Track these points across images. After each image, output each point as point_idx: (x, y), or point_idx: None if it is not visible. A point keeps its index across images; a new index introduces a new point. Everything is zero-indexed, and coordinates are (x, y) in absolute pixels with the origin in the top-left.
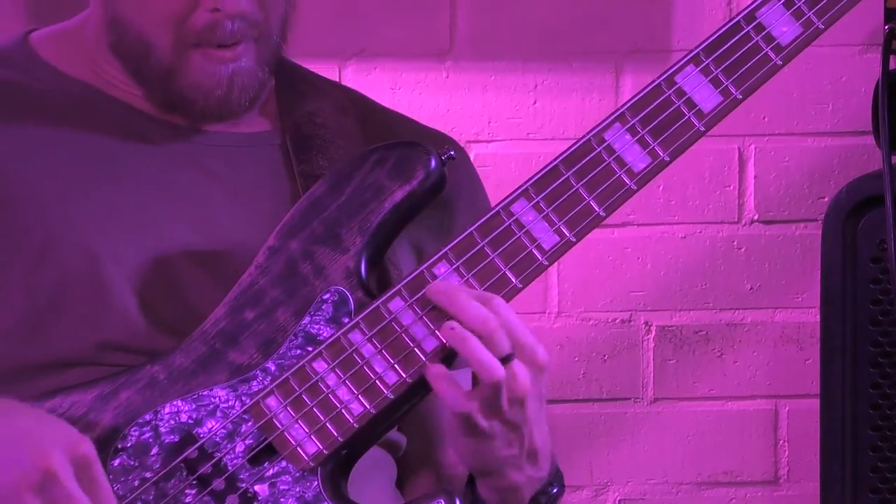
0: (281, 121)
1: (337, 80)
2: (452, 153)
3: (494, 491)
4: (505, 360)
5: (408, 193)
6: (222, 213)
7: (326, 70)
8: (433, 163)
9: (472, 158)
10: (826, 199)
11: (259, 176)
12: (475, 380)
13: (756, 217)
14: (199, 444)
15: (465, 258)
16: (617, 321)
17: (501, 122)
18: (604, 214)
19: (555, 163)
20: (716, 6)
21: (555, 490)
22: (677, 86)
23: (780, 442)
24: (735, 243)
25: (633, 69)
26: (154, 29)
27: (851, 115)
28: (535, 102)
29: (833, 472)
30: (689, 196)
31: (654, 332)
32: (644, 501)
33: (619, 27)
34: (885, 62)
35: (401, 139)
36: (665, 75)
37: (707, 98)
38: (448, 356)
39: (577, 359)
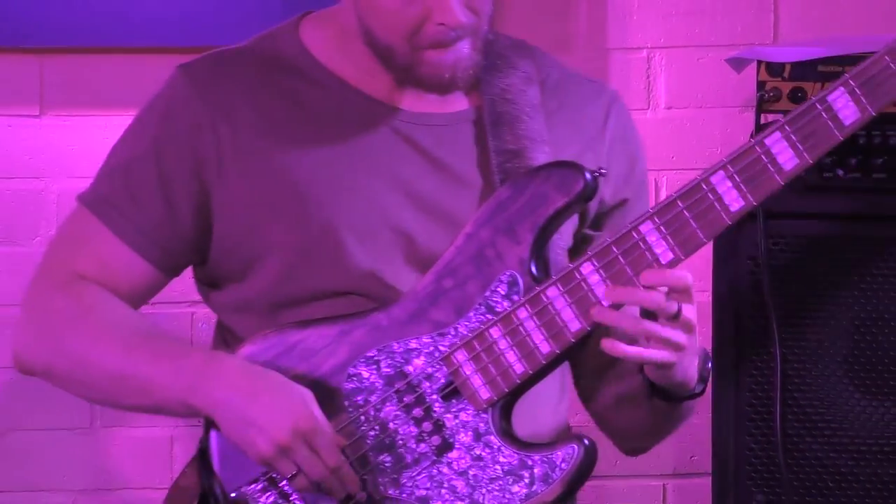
0: (480, 98)
1: None
2: (604, 171)
3: (674, 387)
4: (676, 315)
5: (566, 203)
6: (430, 185)
7: None
8: (588, 179)
9: None
10: None
11: (457, 149)
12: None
13: None
14: (408, 379)
15: (603, 263)
16: None
17: None
18: (705, 241)
19: (673, 198)
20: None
21: (709, 364)
22: (766, 147)
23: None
24: None
25: None
26: (395, 40)
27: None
28: None
29: (721, 403)
30: None
31: None
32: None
33: None
34: (758, 119)
35: (573, 93)
36: (758, 139)
37: (788, 160)
38: (587, 336)
39: None
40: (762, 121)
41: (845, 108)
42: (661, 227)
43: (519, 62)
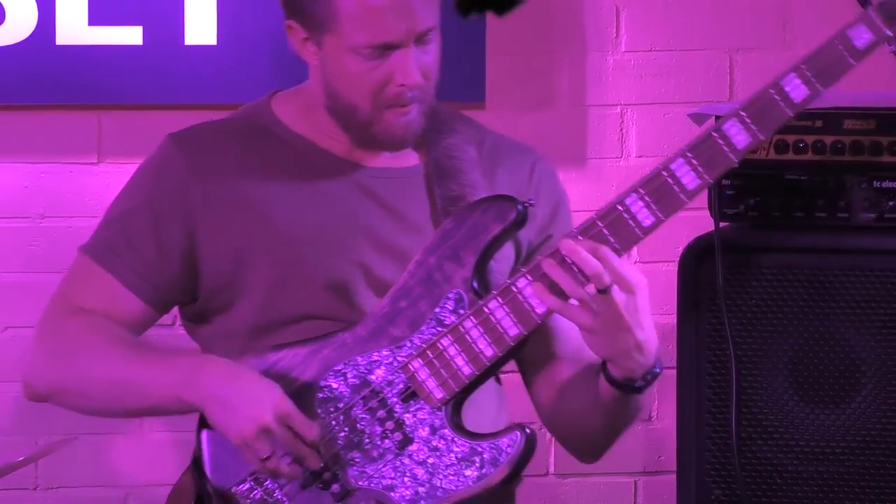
0: (427, 156)
1: None
2: (532, 202)
3: (619, 370)
4: (605, 290)
5: (502, 230)
6: (386, 228)
7: None
8: (519, 207)
9: None
10: (680, 249)
11: (410, 198)
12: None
13: (638, 259)
14: (371, 387)
15: (536, 277)
16: None
17: None
18: (622, 253)
19: (593, 218)
20: None
21: (657, 370)
22: (671, 171)
23: (652, 394)
24: None
25: (564, 170)
26: (358, 99)
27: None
28: None
29: (685, 410)
30: None
31: None
32: None
33: (550, 146)
34: None
35: (505, 166)
36: (663, 164)
37: (690, 181)
38: (524, 340)
39: None
40: None
41: (738, 134)
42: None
43: (460, 127)
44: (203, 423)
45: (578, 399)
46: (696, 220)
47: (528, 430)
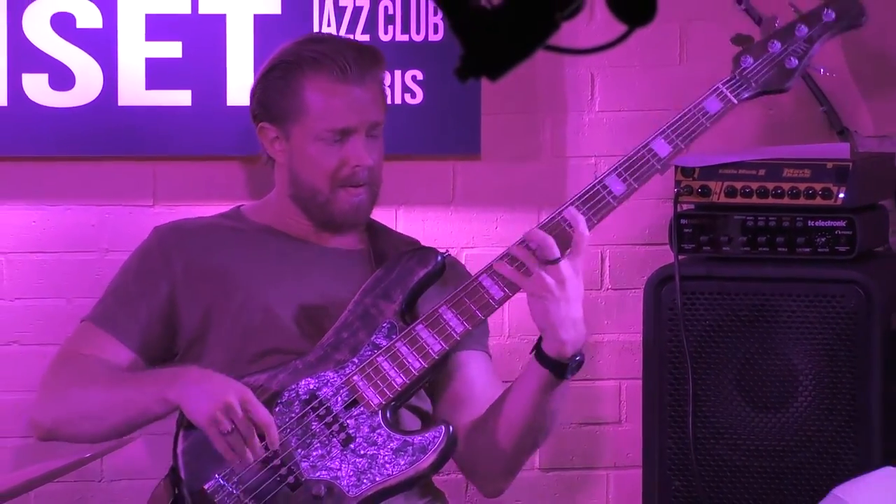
0: (369, 245)
1: (394, 216)
2: (449, 252)
3: (554, 344)
4: (556, 261)
5: (425, 273)
6: (335, 290)
7: (387, 212)
8: (439, 258)
9: (463, 257)
10: (645, 277)
11: (355, 272)
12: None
13: (610, 286)
14: (320, 399)
15: (453, 303)
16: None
17: (479, 237)
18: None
19: (501, 258)
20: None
21: (579, 358)
22: (566, 219)
23: (622, 401)
24: (599, 300)
25: (547, 211)
26: (318, 180)
27: (657, 233)
28: (496, 228)
29: (649, 417)
30: None
31: None
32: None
33: (536, 191)
34: (675, 207)
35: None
36: (558, 212)
37: (583, 224)
38: (446, 355)
39: (518, 361)
40: (678, 209)
41: (616, 185)
42: (494, 276)
43: (391, 233)
44: (177, 440)
45: (496, 415)
46: (658, 254)
47: (451, 428)
